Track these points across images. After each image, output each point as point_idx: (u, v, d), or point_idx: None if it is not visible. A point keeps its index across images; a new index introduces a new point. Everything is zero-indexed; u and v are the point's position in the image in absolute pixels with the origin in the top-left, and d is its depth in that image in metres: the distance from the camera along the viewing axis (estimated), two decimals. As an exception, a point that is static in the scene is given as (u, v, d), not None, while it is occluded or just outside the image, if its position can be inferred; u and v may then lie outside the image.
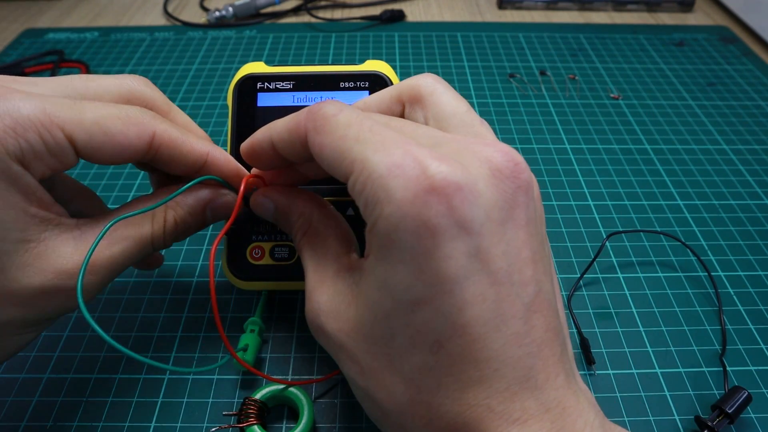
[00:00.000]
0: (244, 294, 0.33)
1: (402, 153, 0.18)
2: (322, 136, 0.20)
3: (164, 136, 0.24)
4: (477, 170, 0.18)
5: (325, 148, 0.20)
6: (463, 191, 0.17)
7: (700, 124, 0.48)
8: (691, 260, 0.36)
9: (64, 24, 0.65)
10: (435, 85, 0.23)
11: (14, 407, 0.28)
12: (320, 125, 0.21)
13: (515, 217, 0.18)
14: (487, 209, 0.18)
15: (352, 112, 0.21)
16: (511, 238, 0.18)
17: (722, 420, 0.27)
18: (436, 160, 0.18)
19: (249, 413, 0.26)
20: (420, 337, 0.18)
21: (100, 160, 0.23)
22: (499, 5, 0.69)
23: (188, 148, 0.24)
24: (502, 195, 0.18)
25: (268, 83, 0.33)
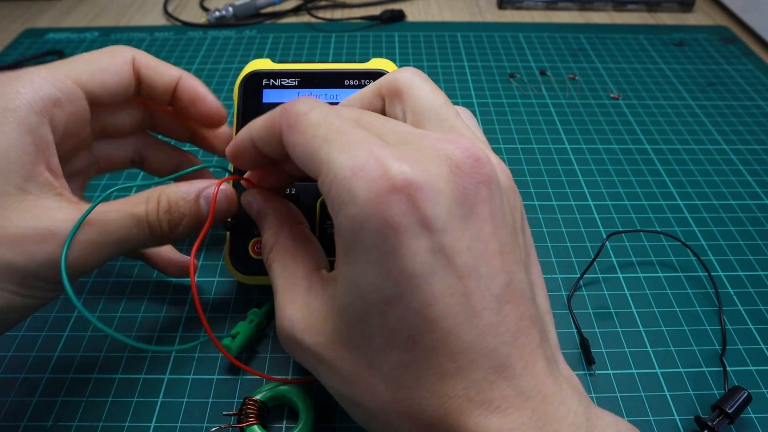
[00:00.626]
0: (244, 294, 0.33)
1: (366, 154, 0.18)
2: (294, 135, 0.21)
3: (143, 59, 0.28)
4: (437, 168, 0.19)
5: (297, 147, 0.21)
6: (424, 190, 0.18)
7: (700, 124, 0.48)
8: (691, 260, 0.36)
9: (64, 24, 0.65)
10: (412, 78, 0.23)
11: (14, 407, 0.28)
12: (293, 123, 0.21)
13: (478, 211, 0.19)
14: (448, 206, 0.18)
15: (322, 110, 0.21)
16: (476, 233, 0.19)
17: (722, 420, 0.27)
18: (398, 160, 0.18)
19: (249, 413, 0.26)
20: (395, 335, 0.19)
21: (104, 92, 0.27)
22: (499, 5, 0.69)
23: (164, 69, 0.29)
24: (463, 191, 0.19)
25: (273, 80, 0.33)
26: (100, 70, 0.27)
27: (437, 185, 0.18)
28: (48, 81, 0.25)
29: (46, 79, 0.25)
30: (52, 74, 0.25)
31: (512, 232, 0.20)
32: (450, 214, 0.18)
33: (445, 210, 0.18)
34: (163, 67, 0.29)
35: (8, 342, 0.31)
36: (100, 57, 0.27)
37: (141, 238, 0.25)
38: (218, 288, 0.34)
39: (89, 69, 0.26)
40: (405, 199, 0.18)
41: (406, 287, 0.18)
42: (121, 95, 0.28)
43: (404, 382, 0.19)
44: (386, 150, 0.19)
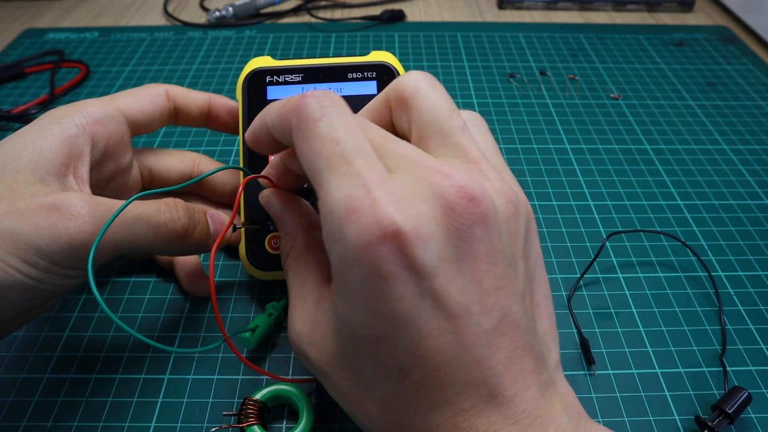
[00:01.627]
0: (243, 294, 0.33)
1: (362, 194, 0.18)
2: (300, 140, 0.21)
3: (174, 90, 0.32)
4: (429, 210, 0.18)
5: (301, 152, 0.21)
6: (414, 237, 0.18)
7: (700, 124, 0.48)
8: (691, 260, 0.36)
9: (64, 24, 0.65)
10: (417, 85, 0.22)
11: (14, 407, 0.28)
12: (302, 126, 0.21)
13: (472, 250, 0.19)
14: (439, 251, 0.18)
15: (332, 121, 0.20)
16: (469, 273, 0.18)
17: (722, 420, 0.27)
18: (392, 204, 0.18)
19: (249, 413, 0.26)
20: (385, 368, 0.19)
21: (143, 117, 0.30)
22: (499, 5, 0.69)
23: (194, 95, 0.33)
24: (456, 233, 0.18)
25: (277, 76, 0.33)
26: (138, 99, 0.30)
27: (428, 230, 0.18)
28: (93, 105, 0.28)
29: (92, 104, 0.28)
30: (98, 101, 0.29)
31: (510, 264, 0.20)
32: (441, 258, 0.18)
33: (436, 254, 0.18)
34: (193, 93, 0.33)
35: (8, 342, 0.31)
36: (137, 89, 0.31)
37: (148, 238, 0.26)
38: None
39: (128, 98, 0.30)
40: (394, 248, 0.18)
41: (394, 329, 0.18)
42: (158, 120, 0.32)
43: (395, 409, 0.20)
44: (382, 189, 0.18)
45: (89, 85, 0.53)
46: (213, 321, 0.32)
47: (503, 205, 0.20)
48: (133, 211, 0.25)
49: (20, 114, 0.48)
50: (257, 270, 0.31)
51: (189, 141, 0.45)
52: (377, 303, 0.18)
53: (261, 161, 0.32)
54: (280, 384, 0.27)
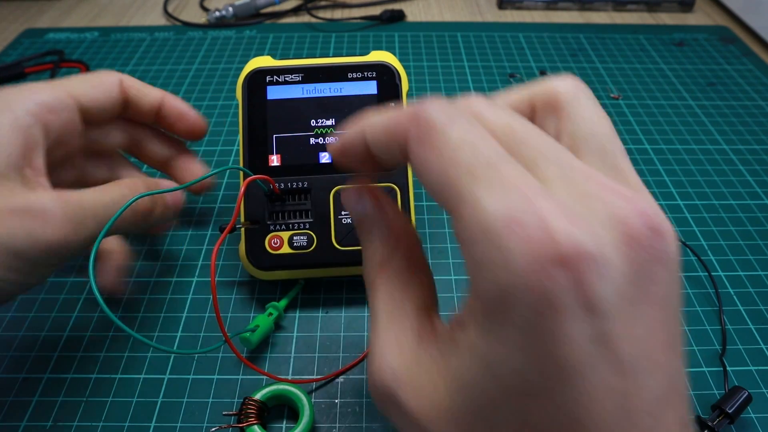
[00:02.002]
0: (243, 294, 0.33)
1: (523, 202, 0.15)
2: (426, 151, 0.17)
3: (128, 81, 0.32)
4: (608, 233, 0.15)
5: (428, 167, 0.17)
6: (595, 263, 0.14)
7: (700, 124, 0.48)
8: (691, 260, 0.36)
9: (64, 24, 0.65)
10: (576, 93, 0.19)
11: (14, 407, 0.28)
12: (425, 135, 0.17)
13: (651, 294, 0.15)
14: (618, 285, 0.15)
15: (464, 126, 0.17)
16: (644, 321, 0.15)
17: (722, 420, 0.27)
18: (564, 217, 0.15)
19: (249, 413, 0.26)
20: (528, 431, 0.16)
21: (96, 105, 0.30)
22: (499, 5, 0.69)
23: (147, 89, 0.33)
24: (636, 268, 0.15)
25: (277, 76, 0.33)
26: (92, 87, 0.30)
27: (608, 257, 0.15)
28: (46, 91, 0.28)
29: (44, 90, 0.28)
30: (50, 86, 0.28)
31: (679, 321, 0.17)
32: (619, 295, 0.15)
33: (614, 289, 0.15)
34: (147, 88, 0.33)
35: (8, 342, 0.31)
36: (91, 77, 0.31)
37: (121, 224, 0.27)
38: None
39: (82, 85, 0.30)
40: (571, 273, 0.14)
41: (558, 380, 0.15)
42: (109, 111, 0.31)
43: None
44: (548, 200, 0.15)
45: (89, 85, 0.53)
46: (213, 321, 0.32)
47: (677, 247, 0.16)
48: (105, 203, 0.26)
49: (20, 114, 0.48)
50: (257, 270, 0.31)
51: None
52: (540, 343, 0.15)
53: (261, 161, 0.32)
54: (280, 384, 0.27)
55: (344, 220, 0.32)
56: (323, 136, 0.33)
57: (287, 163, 0.33)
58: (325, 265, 0.31)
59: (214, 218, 0.38)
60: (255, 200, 0.32)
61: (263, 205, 0.32)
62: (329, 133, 0.33)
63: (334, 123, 0.33)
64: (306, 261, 0.31)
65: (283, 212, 0.32)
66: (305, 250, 0.31)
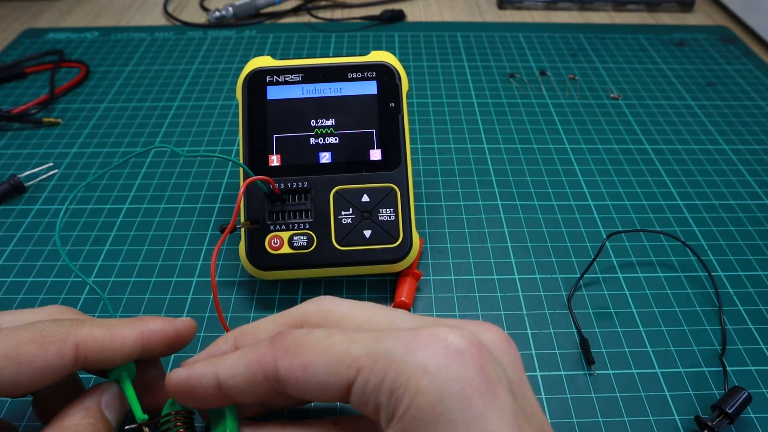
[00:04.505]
0: (243, 294, 0.33)
1: (408, 333, 0.18)
2: (301, 357, 0.19)
3: (89, 343, 0.21)
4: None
5: (310, 365, 0.19)
6: (485, 349, 0.18)
7: (700, 124, 0.48)
8: (691, 260, 0.36)
9: (64, 24, 0.65)
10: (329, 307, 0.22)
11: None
12: (296, 347, 0.19)
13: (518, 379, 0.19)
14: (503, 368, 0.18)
15: (321, 329, 0.20)
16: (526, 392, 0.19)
17: (722, 420, 0.27)
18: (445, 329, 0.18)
19: (178, 425, 0.22)
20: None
21: (19, 392, 0.20)
22: (499, 5, 0.69)
23: (119, 342, 0.22)
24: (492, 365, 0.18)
25: (277, 76, 0.33)
26: (19, 366, 0.20)
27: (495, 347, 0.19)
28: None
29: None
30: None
31: None
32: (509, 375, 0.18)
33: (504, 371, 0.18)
34: (117, 340, 0.22)
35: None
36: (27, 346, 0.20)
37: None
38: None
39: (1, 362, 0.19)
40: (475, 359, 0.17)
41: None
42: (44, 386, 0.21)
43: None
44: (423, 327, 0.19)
45: (89, 85, 0.53)
46: (213, 321, 0.32)
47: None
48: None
49: (20, 114, 0.48)
50: (257, 270, 0.31)
51: (189, 141, 0.46)
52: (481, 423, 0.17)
53: (261, 161, 0.32)
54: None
55: (344, 220, 0.32)
56: (323, 136, 0.33)
57: (287, 163, 0.33)
58: (325, 265, 0.31)
59: (214, 218, 0.38)
60: (255, 200, 0.32)
61: (263, 205, 0.32)
62: (329, 133, 0.33)
63: (334, 123, 0.33)
64: (306, 261, 0.31)
65: (283, 212, 0.32)
66: (305, 250, 0.31)
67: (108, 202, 0.40)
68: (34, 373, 0.20)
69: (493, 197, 0.40)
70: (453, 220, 0.38)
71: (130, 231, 0.37)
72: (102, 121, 0.48)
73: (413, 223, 0.32)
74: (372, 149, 0.33)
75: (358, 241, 0.31)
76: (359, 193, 0.32)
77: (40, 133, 0.47)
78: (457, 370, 0.17)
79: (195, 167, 0.43)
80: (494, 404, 0.17)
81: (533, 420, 0.18)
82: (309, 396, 0.19)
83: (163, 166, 0.43)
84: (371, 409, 0.18)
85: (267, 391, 0.20)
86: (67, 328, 0.21)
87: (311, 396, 0.19)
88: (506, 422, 0.17)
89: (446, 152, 0.45)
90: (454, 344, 0.18)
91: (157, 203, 0.40)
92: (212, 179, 0.42)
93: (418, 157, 0.44)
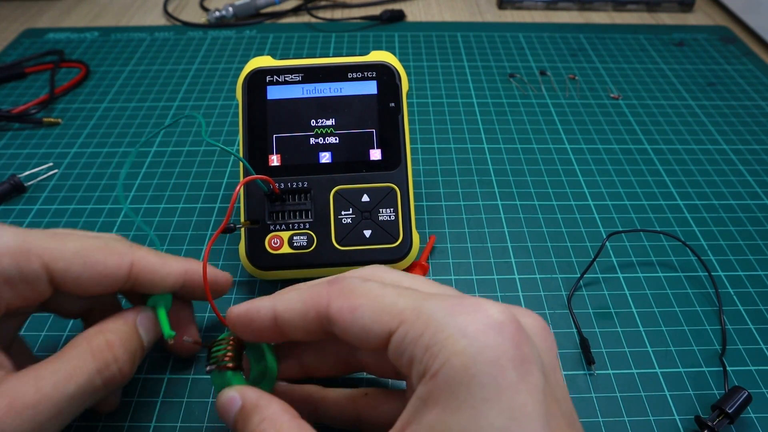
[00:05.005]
0: (243, 294, 0.33)
1: (454, 299, 0.19)
2: (353, 300, 0.20)
3: (142, 263, 0.24)
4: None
5: (358, 309, 0.20)
6: (522, 329, 0.18)
7: (700, 124, 0.48)
8: (691, 260, 0.36)
9: (64, 24, 0.65)
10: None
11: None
12: (350, 290, 0.21)
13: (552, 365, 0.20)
14: (538, 351, 0.19)
15: (376, 282, 0.21)
16: (558, 379, 0.20)
17: (722, 420, 0.27)
18: (489, 303, 0.19)
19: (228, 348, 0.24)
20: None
21: (77, 290, 0.23)
22: (499, 5, 0.69)
23: (167, 271, 0.25)
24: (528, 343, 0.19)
25: (277, 76, 0.33)
26: (83, 265, 0.23)
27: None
28: (10, 254, 0.22)
29: (9, 249, 0.22)
30: (23, 246, 0.22)
31: None
32: (542, 358, 0.19)
33: (538, 352, 0.19)
34: (166, 270, 0.25)
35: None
36: (94, 251, 0.23)
37: (97, 398, 0.23)
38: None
39: (72, 259, 0.23)
40: (511, 335, 0.18)
41: (530, 429, 0.17)
42: (94, 294, 0.24)
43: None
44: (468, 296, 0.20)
45: (89, 85, 0.53)
46: (213, 321, 0.32)
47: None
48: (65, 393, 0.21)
49: (20, 114, 0.48)
50: (257, 270, 0.31)
51: (189, 141, 0.45)
52: (510, 395, 0.17)
53: (261, 161, 0.32)
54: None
55: (344, 220, 0.32)
56: (323, 136, 0.33)
57: (287, 163, 0.33)
58: (325, 265, 0.31)
59: (214, 218, 0.38)
60: (255, 200, 0.32)
61: (263, 205, 0.32)
62: (329, 133, 0.33)
63: (334, 123, 0.33)
64: (306, 261, 0.31)
65: (283, 212, 0.32)
66: (305, 250, 0.31)
67: (108, 202, 0.40)
68: (94, 277, 0.23)
69: (493, 197, 0.40)
70: (453, 220, 0.38)
71: (130, 231, 0.37)
72: (102, 121, 0.48)
73: (413, 223, 0.32)
74: (372, 149, 0.33)
75: (358, 241, 0.31)
76: (359, 193, 0.32)
77: (40, 133, 0.47)
78: (495, 340, 0.17)
79: (195, 167, 0.43)
80: (526, 379, 0.17)
81: (563, 405, 0.19)
82: (352, 338, 0.20)
83: (163, 166, 0.43)
84: (405, 361, 0.19)
85: (317, 328, 0.21)
86: (128, 246, 0.25)
87: (354, 338, 0.20)
88: (536, 398, 0.17)
89: (446, 152, 0.45)
90: (495, 316, 0.18)
91: (157, 203, 0.40)
92: (212, 179, 0.42)
93: (418, 157, 0.44)
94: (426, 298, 0.19)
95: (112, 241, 0.24)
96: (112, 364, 0.23)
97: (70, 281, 0.23)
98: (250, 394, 0.22)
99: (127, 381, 0.24)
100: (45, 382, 0.21)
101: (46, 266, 0.22)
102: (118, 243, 0.24)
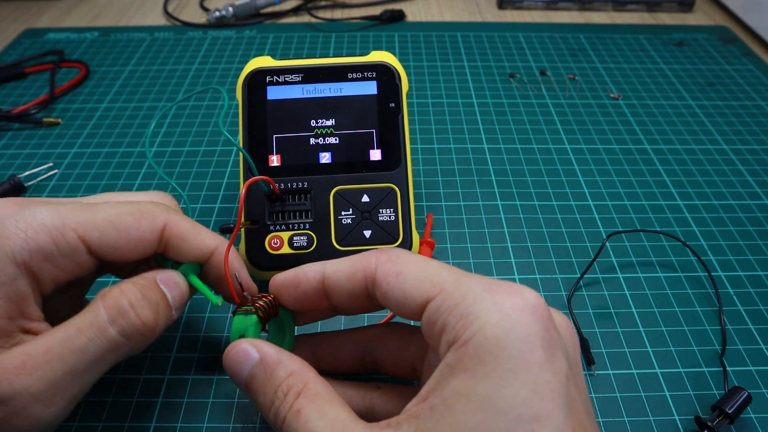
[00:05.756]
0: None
1: (493, 279, 0.20)
2: (399, 265, 0.21)
3: (174, 228, 0.24)
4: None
5: (402, 274, 0.21)
6: (552, 319, 0.19)
7: (700, 124, 0.48)
8: (691, 260, 0.36)
9: (64, 24, 0.65)
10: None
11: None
12: (396, 257, 0.22)
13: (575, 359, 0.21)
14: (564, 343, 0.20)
15: (423, 256, 0.22)
16: (579, 371, 0.21)
17: (722, 420, 0.27)
18: (525, 287, 0.20)
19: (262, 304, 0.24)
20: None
21: (115, 257, 0.23)
22: (499, 5, 0.69)
23: (198, 241, 0.25)
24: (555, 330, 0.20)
25: (277, 76, 0.33)
26: (116, 231, 0.23)
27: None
28: (46, 229, 0.22)
29: (45, 226, 0.22)
30: (57, 222, 0.22)
31: None
32: (567, 342, 0.20)
33: (563, 337, 0.20)
34: (198, 239, 0.25)
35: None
36: (126, 217, 0.23)
37: (122, 353, 0.22)
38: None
39: (104, 227, 0.23)
40: (542, 317, 0.19)
41: (555, 405, 0.17)
42: (133, 259, 0.24)
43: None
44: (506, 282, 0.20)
45: (89, 85, 0.53)
46: (213, 321, 0.32)
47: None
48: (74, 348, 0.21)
49: (20, 114, 0.48)
50: (257, 270, 0.31)
51: (189, 141, 0.45)
52: (537, 372, 0.18)
53: (261, 162, 0.32)
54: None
55: (344, 220, 0.32)
56: (323, 136, 0.33)
57: (287, 163, 0.33)
58: None
59: (214, 218, 0.38)
60: (255, 200, 0.32)
61: (263, 206, 0.32)
62: (329, 133, 0.33)
63: (334, 123, 0.33)
64: (306, 261, 0.31)
65: (283, 212, 0.32)
66: (305, 250, 0.31)
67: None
68: (129, 242, 0.23)
69: (493, 197, 0.40)
70: (453, 220, 0.38)
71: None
72: (102, 121, 0.48)
73: (413, 223, 0.32)
74: (372, 149, 0.33)
75: (358, 241, 0.32)
76: (359, 194, 0.32)
77: (40, 133, 0.47)
78: (528, 319, 0.18)
79: (195, 167, 0.43)
80: (552, 361, 0.18)
81: (582, 394, 0.19)
82: (392, 301, 0.21)
83: (163, 166, 0.43)
84: (437, 329, 0.20)
85: (361, 291, 0.22)
86: (160, 210, 0.24)
87: (393, 302, 0.21)
88: (560, 379, 0.18)
89: (446, 152, 0.45)
90: (530, 299, 0.19)
91: (157, 203, 0.39)
92: (212, 179, 0.42)
93: (418, 157, 0.44)
94: (467, 274, 0.20)
95: (146, 204, 0.24)
96: (128, 311, 0.22)
97: (108, 249, 0.23)
98: (269, 349, 0.22)
99: (158, 333, 0.23)
100: (54, 339, 0.21)
101: (81, 238, 0.22)
102: (151, 206, 0.24)
